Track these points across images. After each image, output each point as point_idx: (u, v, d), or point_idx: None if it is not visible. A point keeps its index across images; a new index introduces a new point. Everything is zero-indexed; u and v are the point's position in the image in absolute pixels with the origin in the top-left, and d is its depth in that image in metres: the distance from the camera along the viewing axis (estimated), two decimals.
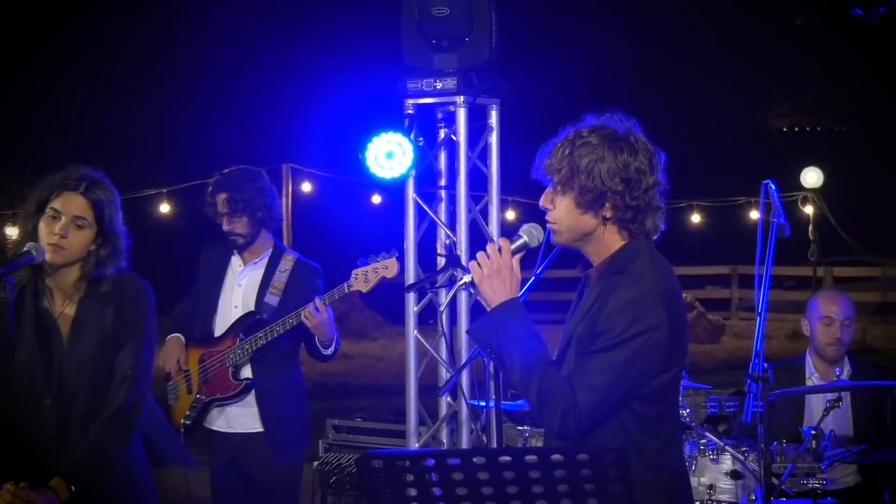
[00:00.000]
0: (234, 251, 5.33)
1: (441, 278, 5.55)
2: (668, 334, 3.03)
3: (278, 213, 5.36)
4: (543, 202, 3.20)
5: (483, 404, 5.34)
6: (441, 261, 5.66)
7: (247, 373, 5.19)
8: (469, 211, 5.64)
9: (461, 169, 5.61)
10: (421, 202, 5.71)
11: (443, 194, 5.74)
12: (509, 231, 3.43)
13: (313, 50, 24.87)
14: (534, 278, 3.38)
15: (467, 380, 5.34)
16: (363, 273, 5.06)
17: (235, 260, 5.35)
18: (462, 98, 5.56)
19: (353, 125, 6.49)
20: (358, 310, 17.95)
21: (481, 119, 5.75)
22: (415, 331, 5.74)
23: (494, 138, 5.74)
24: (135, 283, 3.89)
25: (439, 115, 5.71)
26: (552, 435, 3.10)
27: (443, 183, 5.74)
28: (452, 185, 5.68)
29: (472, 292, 5.33)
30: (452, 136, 5.66)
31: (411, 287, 5.66)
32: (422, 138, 5.59)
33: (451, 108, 5.62)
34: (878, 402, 5.33)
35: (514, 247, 3.20)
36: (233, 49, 24.89)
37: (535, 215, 3.30)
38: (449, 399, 5.69)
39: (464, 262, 5.39)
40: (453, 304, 5.62)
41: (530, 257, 3.26)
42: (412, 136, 5.52)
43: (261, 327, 5.13)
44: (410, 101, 5.65)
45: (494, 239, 5.55)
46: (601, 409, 3.02)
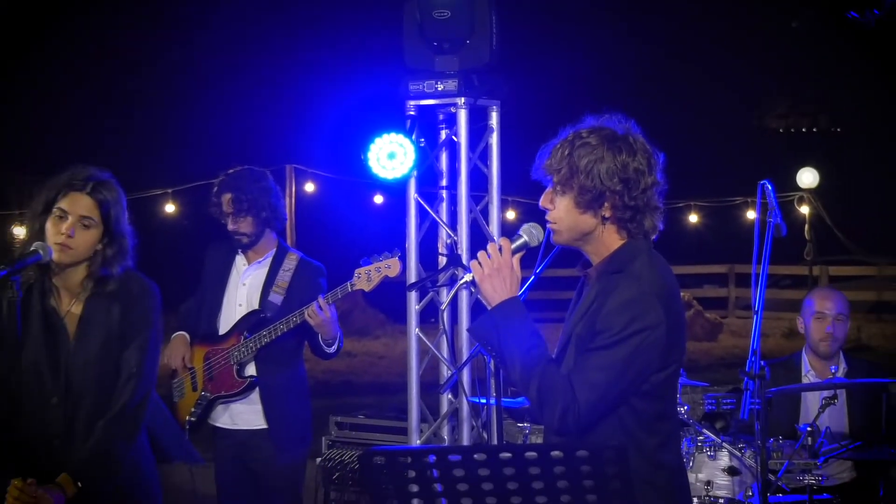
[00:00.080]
0: (239, 250, 5.32)
1: (442, 277, 5.55)
2: (667, 333, 3.03)
3: (282, 213, 5.35)
4: (543, 202, 3.20)
5: (484, 401, 5.34)
6: (442, 260, 5.66)
7: (251, 370, 5.19)
8: (470, 211, 5.65)
9: (462, 169, 5.61)
10: (422, 202, 5.72)
11: (444, 194, 5.75)
12: (509, 231, 3.42)
13: (316, 53, 24.91)
14: (534, 277, 3.38)
15: (468, 377, 5.34)
16: (366, 272, 5.06)
17: (240, 259, 5.34)
18: (463, 99, 5.57)
19: (356, 126, 6.49)
20: (360, 308, 17.94)
21: (482, 120, 5.75)
22: (416, 329, 5.74)
23: (495, 139, 5.75)
24: (140, 283, 3.88)
25: (440, 117, 5.72)
26: (552, 432, 3.10)
27: (444, 183, 5.75)
28: (453, 186, 5.68)
29: (473, 291, 5.34)
30: (453, 137, 5.66)
31: (413, 286, 5.66)
32: (423, 139, 5.59)
33: (452, 109, 5.63)
34: (874, 399, 5.33)
35: (514, 246, 3.20)
36: (237, 52, 24.94)
37: (535, 215, 3.29)
38: (450, 396, 5.69)
39: (465, 261, 5.39)
40: (454, 302, 5.62)
41: (530, 256, 3.26)
42: (414, 137, 5.52)
43: (265, 325, 5.12)
44: (412, 102, 5.65)
45: (495, 238, 5.55)
46: (600, 406, 3.02)
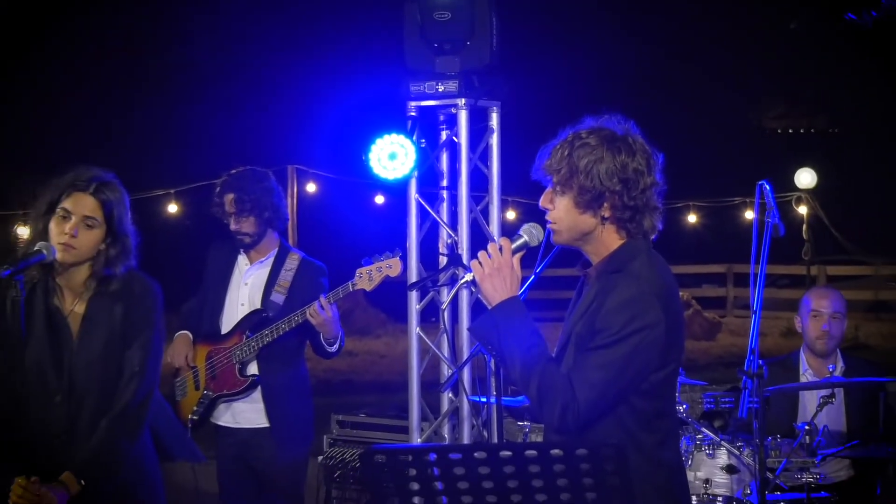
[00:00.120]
0: (241, 250, 5.32)
1: (443, 277, 5.55)
2: (666, 332, 3.03)
3: (284, 213, 5.35)
4: (543, 202, 3.20)
5: (484, 400, 5.34)
6: (443, 260, 5.66)
7: (253, 369, 5.19)
8: (470, 211, 5.65)
9: (462, 170, 5.62)
10: (423, 202, 5.72)
11: (444, 195, 5.75)
12: (510, 230, 3.42)
13: (318, 54, 24.90)
14: (534, 277, 3.38)
15: (468, 376, 5.34)
16: (367, 272, 5.06)
17: (242, 259, 5.34)
18: (463, 100, 5.57)
19: (357, 127, 6.50)
20: (362, 308, 17.94)
21: (482, 121, 5.75)
22: (417, 328, 5.74)
23: (495, 140, 5.75)
24: (143, 282, 3.88)
25: (441, 118, 5.72)
26: (552, 430, 3.10)
27: (444, 184, 5.75)
28: (454, 186, 5.68)
29: (474, 290, 5.34)
30: (454, 138, 5.66)
31: (414, 285, 5.66)
32: (424, 140, 5.59)
33: (453, 110, 5.63)
34: (871, 398, 5.32)
35: (514, 246, 3.20)
36: (239, 53, 24.93)
37: (535, 215, 3.29)
38: (451, 395, 5.70)
39: (465, 261, 5.39)
40: (455, 302, 5.62)
41: (530, 256, 3.26)
42: (414, 137, 5.52)
43: (267, 325, 5.12)
44: (413, 103, 5.66)
45: (495, 238, 5.55)
46: (599, 404, 3.02)
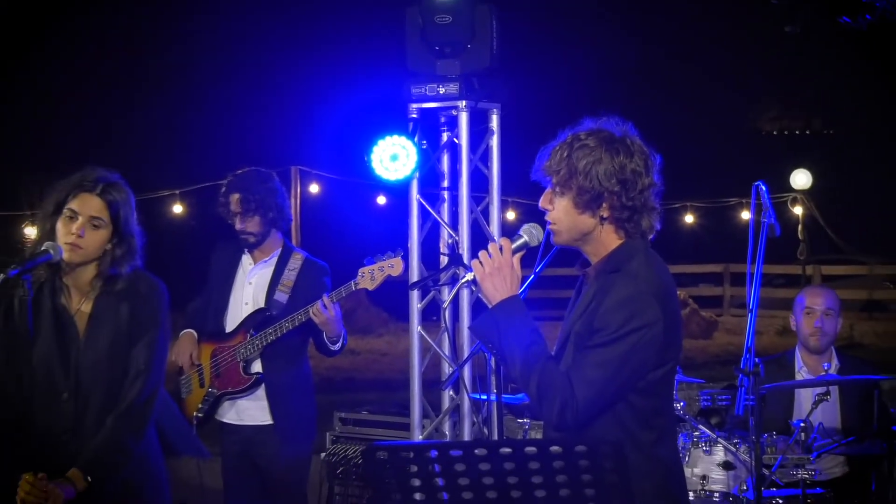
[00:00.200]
0: (245, 250, 5.32)
1: (444, 276, 5.54)
2: (663, 330, 3.02)
3: (288, 214, 5.35)
4: (543, 203, 3.20)
5: (484, 398, 5.33)
6: (444, 259, 5.67)
7: (257, 367, 5.19)
8: (471, 211, 5.65)
9: (463, 171, 5.62)
10: (424, 203, 5.72)
11: (445, 195, 5.75)
12: (510, 231, 3.42)
13: (321, 57, 24.90)
14: (533, 276, 3.38)
15: (469, 374, 5.34)
16: (369, 271, 5.06)
17: (246, 259, 5.34)
18: (464, 102, 5.58)
19: (360, 129, 6.49)
20: (364, 307, 17.94)
21: (482, 123, 5.76)
22: (419, 327, 5.74)
23: (495, 141, 5.75)
24: (149, 281, 3.88)
25: (442, 119, 5.72)
26: (551, 427, 3.10)
27: (445, 184, 5.75)
28: (455, 187, 5.68)
29: (474, 290, 5.34)
30: (455, 140, 5.66)
31: (415, 285, 5.66)
32: (425, 141, 5.59)
33: (454, 112, 5.63)
34: (865, 395, 5.32)
35: (514, 246, 3.20)
36: (243, 56, 24.94)
37: (535, 215, 3.29)
38: (451, 393, 5.70)
39: (466, 260, 5.39)
40: (456, 301, 5.62)
41: (530, 256, 3.26)
42: (416, 139, 5.53)
43: (270, 324, 5.12)
44: (414, 105, 5.66)
45: (495, 238, 5.55)
46: (598, 402, 3.01)
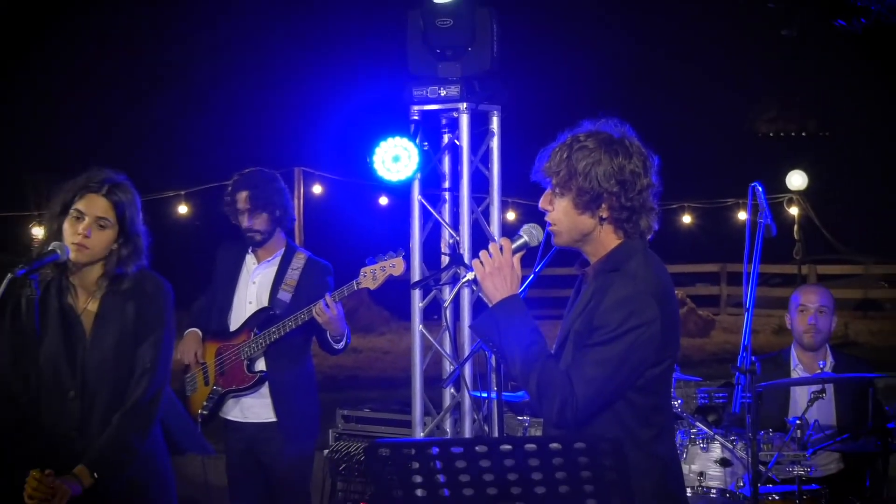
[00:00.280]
0: (249, 250, 5.32)
1: (445, 276, 5.54)
2: (662, 329, 3.02)
3: (292, 214, 5.36)
4: (543, 203, 3.20)
5: (485, 395, 5.34)
6: (445, 259, 5.66)
7: (261, 366, 5.18)
8: (472, 212, 5.64)
9: (464, 172, 5.61)
10: (426, 203, 5.71)
11: (447, 196, 5.75)
12: (510, 231, 3.42)
13: (324, 59, 24.91)
14: (533, 276, 3.37)
15: (470, 372, 5.34)
16: (371, 271, 5.05)
17: (250, 258, 5.34)
18: (465, 105, 5.57)
19: (362, 130, 6.50)
20: (366, 306, 17.93)
21: (483, 124, 5.75)
22: (420, 326, 5.74)
23: (496, 143, 5.75)
24: (154, 281, 3.88)
25: (443, 121, 5.72)
26: (551, 424, 3.09)
27: (447, 185, 5.75)
28: (456, 188, 5.68)
29: (475, 289, 5.33)
30: (456, 141, 5.66)
31: (417, 284, 5.66)
32: (427, 143, 5.59)
33: (455, 114, 5.63)
34: (860, 393, 5.32)
35: (514, 246, 3.20)
36: (247, 59, 24.96)
37: (535, 216, 3.29)
38: (452, 390, 5.69)
39: (467, 260, 5.39)
40: (457, 300, 5.62)
41: (530, 256, 3.26)
42: (417, 140, 5.52)
43: (274, 322, 5.12)
44: (416, 107, 5.65)
45: (496, 238, 5.55)
46: (597, 400, 3.01)
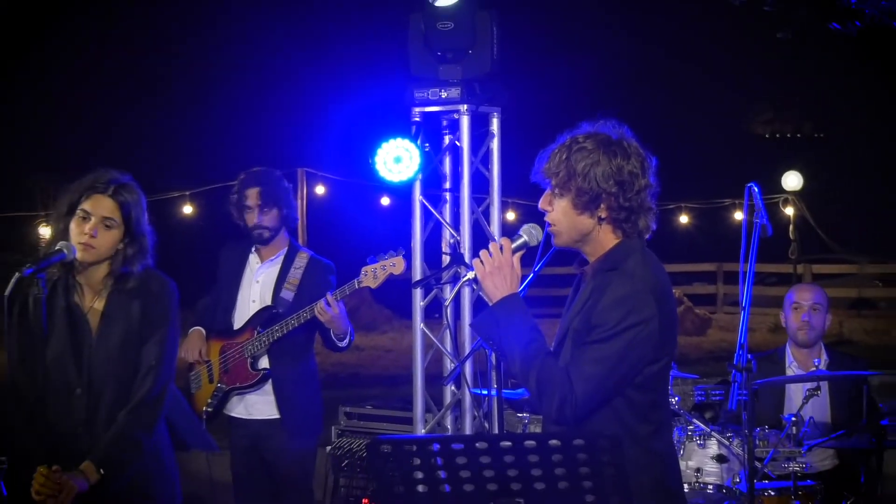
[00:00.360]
0: (253, 249, 5.32)
1: (446, 275, 5.54)
2: (659, 327, 3.02)
3: (296, 214, 5.37)
4: (542, 204, 3.20)
5: (485, 393, 5.34)
6: (446, 259, 5.66)
7: (264, 363, 5.18)
8: (472, 212, 5.64)
9: (465, 173, 5.61)
10: (427, 204, 5.71)
11: (447, 196, 5.75)
12: (510, 231, 3.42)
13: (327, 62, 24.92)
14: (533, 275, 3.37)
15: (470, 370, 5.34)
16: (372, 270, 5.05)
17: (253, 258, 5.34)
18: (465, 106, 5.57)
19: (364, 132, 6.49)
20: (368, 304, 17.92)
21: (483, 126, 5.75)
22: (421, 324, 5.74)
23: (496, 144, 5.75)
24: (159, 280, 3.88)
25: (444, 123, 5.72)
26: (550, 421, 3.09)
27: (447, 186, 5.75)
28: (456, 188, 5.68)
29: (475, 288, 5.33)
30: (456, 142, 5.66)
31: (418, 283, 5.66)
32: (428, 144, 5.59)
33: (456, 115, 5.63)
34: (855, 390, 5.32)
35: (514, 245, 3.20)
36: (251, 61, 24.96)
37: (535, 216, 3.29)
38: (453, 388, 5.69)
39: (467, 259, 5.39)
40: (457, 299, 5.62)
41: (530, 255, 3.26)
42: (419, 142, 5.52)
43: (277, 321, 5.12)
44: (417, 109, 5.65)
45: (496, 238, 5.55)
46: (596, 396, 3.01)
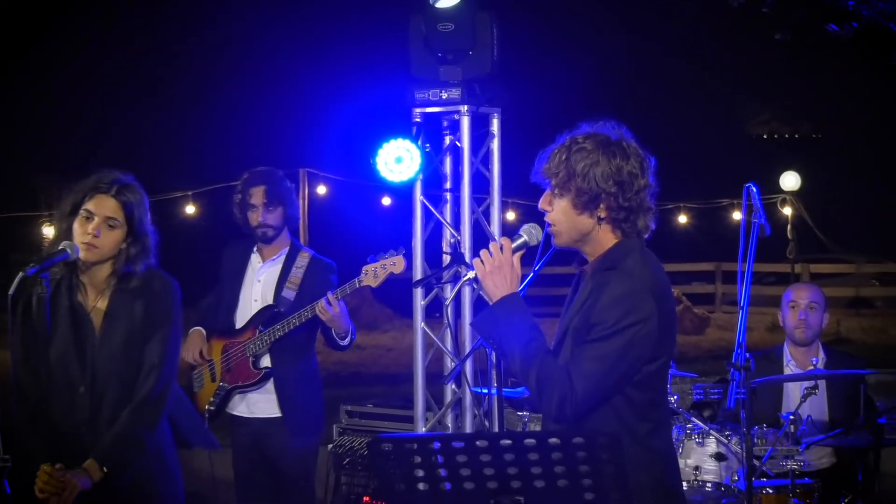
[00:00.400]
0: (255, 249, 5.32)
1: (446, 274, 5.54)
2: (658, 326, 3.02)
3: (298, 213, 5.37)
4: (542, 204, 3.20)
5: (485, 391, 5.34)
6: (446, 258, 5.67)
7: (266, 362, 5.18)
8: (472, 212, 5.65)
9: (465, 173, 5.62)
10: (428, 204, 5.72)
11: (448, 196, 5.75)
12: (510, 231, 3.42)
13: (328, 62, 24.91)
14: (533, 274, 3.37)
15: (471, 369, 5.34)
16: (372, 269, 5.05)
17: (255, 257, 5.34)
18: (466, 107, 5.57)
19: (365, 132, 6.49)
20: (369, 304, 17.93)
21: (484, 126, 5.76)
22: (422, 323, 5.74)
23: (496, 144, 5.75)
24: (162, 279, 3.89)
25: (445, 123, 5.72)
26: (550, 419, 3.09)
27: (448, 186, 5.75)
28: (457, 188, 5.68)
29: (476, 287, 5.33)
30: (457, 143, 5.66)
31: (419, 282, 5.66)
32: (428, 144, 5.60)
33: (456, 116, 5.63)
34: (852, 389, 5.31)
35: (514, 245, 3.20)
36: (253, 62, 24.96)
37: (535, 216, 3.29)
38: (454, 387, 5.69)
39: (468, 259, 5.39)
40: (458, 298, 5.62)
41: (530, 255, 3.26)
42: (419, 142, 5.53)
43: (278, 320, 5.12)
44: (418, 110, 5.66)
45: (496, 238, 5.55)
46: (595, 395, 3.01)
